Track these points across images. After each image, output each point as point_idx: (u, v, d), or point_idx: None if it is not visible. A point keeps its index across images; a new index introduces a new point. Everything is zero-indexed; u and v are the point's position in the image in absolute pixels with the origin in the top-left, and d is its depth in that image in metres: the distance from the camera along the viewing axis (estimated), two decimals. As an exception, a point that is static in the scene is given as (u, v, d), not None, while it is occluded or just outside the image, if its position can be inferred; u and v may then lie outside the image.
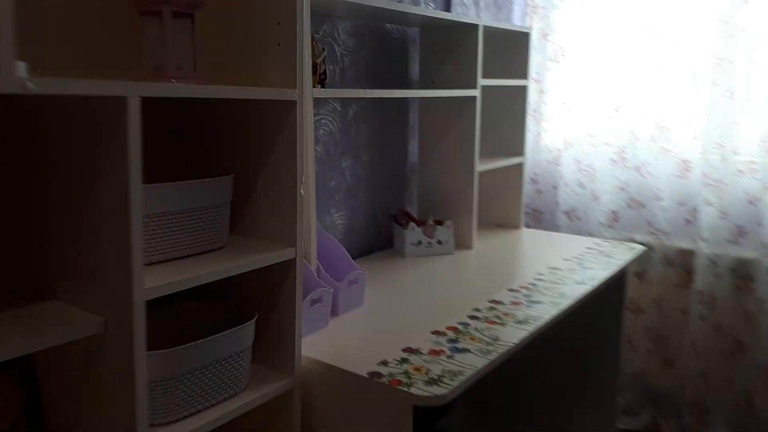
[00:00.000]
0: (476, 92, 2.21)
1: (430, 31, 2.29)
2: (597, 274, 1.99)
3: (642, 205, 2.69)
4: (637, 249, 2.32)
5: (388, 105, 2.32)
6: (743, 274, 2.45)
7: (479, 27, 2.18)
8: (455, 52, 2.24)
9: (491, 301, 1.74)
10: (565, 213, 2.87)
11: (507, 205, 2.71)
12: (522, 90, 2.60)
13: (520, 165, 2.63)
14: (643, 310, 2.70)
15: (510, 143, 2.66)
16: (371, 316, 1.64)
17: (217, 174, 1.29)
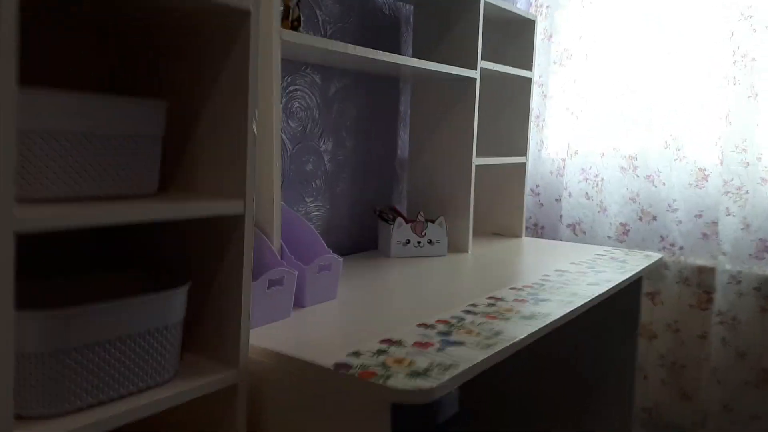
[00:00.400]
0: (476, 74, 1.97)
1: (426, 7, 2.05)
2: (612, 277, 1.71)
3: (654, 218, 2.44)
4: (654, 257, 2.05)
5: (377, 86, 2.07)
6: (769, 294, 2.20)
7: (480, 2, 1.95)
8: (453, 31, 2.00)
9: (490, 298, 1.45)
10: (569, 226, 2.60)
11: (507, 212, 2.43)
12: (526, 83, 2.35)
13: (522, 165, 2.37)
14: (657, 336, 2.42)
15: (511, 143, 2.41)
16: (346, 309, 1.35)
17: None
